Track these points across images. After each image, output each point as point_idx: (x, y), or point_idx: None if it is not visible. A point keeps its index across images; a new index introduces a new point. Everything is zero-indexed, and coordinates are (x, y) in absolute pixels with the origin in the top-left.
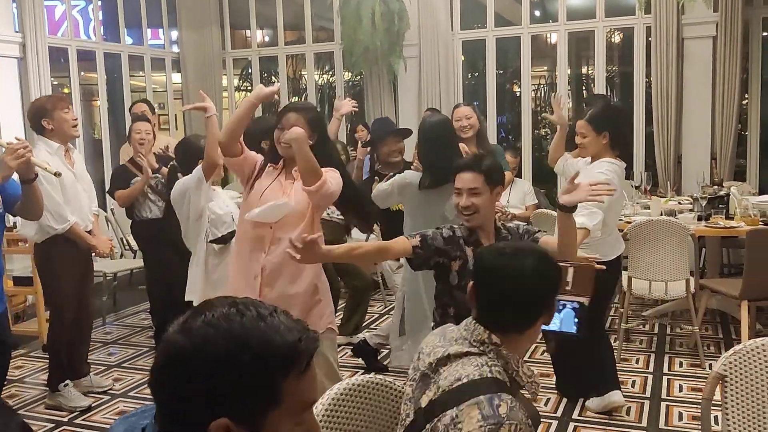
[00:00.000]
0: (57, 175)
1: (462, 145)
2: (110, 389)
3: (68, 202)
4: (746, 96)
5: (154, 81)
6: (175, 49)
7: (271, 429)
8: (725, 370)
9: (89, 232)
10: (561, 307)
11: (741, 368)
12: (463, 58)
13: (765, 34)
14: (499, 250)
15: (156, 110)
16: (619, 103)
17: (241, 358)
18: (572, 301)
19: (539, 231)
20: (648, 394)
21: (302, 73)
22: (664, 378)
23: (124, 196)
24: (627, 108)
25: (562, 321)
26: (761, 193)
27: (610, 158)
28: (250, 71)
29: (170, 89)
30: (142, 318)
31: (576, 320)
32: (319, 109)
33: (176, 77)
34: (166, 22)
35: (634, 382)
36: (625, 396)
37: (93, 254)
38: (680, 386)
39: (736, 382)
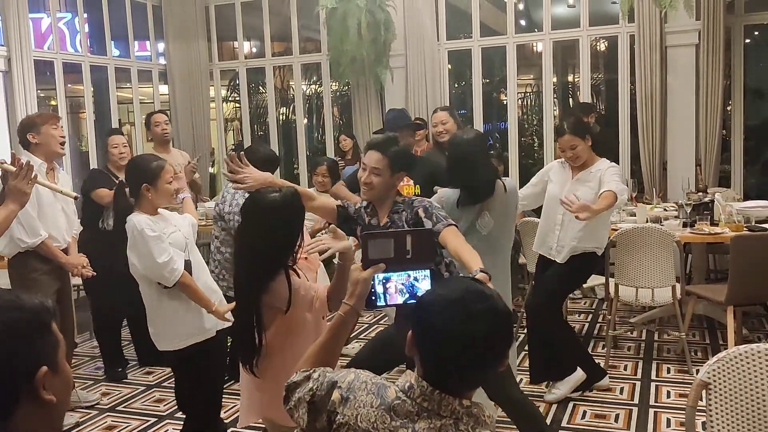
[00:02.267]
0: (76, 198)
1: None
2: (97, 404)
3: (44, 219)
4: (729, 103)
5: (141, 93)
6: (162, 60)
7: (62, 366)
8: (709, 377)
9: (65, 249)
10: (415, 279)
11: (725, 375)
12: (449, 68)
13: (747, 41)
14: (448, 312)
15: (143, 121)
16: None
17: (30, 322)
18: (420, 270)
19: (445, 220)
20: (636, 400)
21: (290, 83)
22: (652, 384)
23: (108, 195)
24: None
25: (418, 290)
26: (745, 199)
27: (598, 158)
28: (237, 82)
29: (157, 101)
30: (128, 332)
31: (431, 286)
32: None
33: (163, 89)
34: (153, 34)
35: (622, 388)
36: (613, 403)
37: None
38: (668, 392)
39: (721, 388)
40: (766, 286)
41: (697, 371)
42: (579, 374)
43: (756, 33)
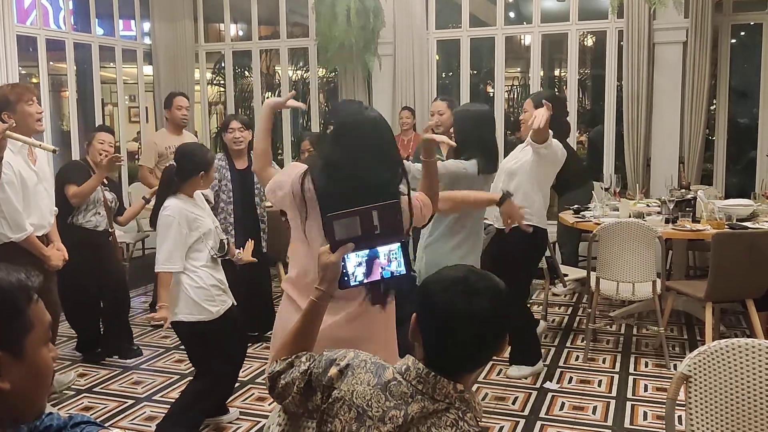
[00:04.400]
0: (54, 152)
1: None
2: (74, 384)
3: (28, 205)
4: (714, 101)
5: (125, 73)
6: (147, 41)
7: (31, 353)
8: (690, 371)
9: (46, 235)
10: (386, 253)
11: (705, 369)
12: (437, 58)
13: (733, 41)
14: (453, 290)
15: (127, 102)
16: (562, 95)
17: None
18: (390, 244)
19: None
20: (614, 393)
21: (276, 68)
22: (630, 378)
23: (80, 193)
24: (563, 98)
25: (391, 265)
26: (727, 197)
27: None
28: (223, 65)
29: (141, 81)
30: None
31: (404, 260)
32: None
33: (148, 69)
34: (139, 13)
35: (600, 381)
36: (591, 396)
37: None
38: (645, 386)
39: (700, 382)
40: (745, 283)
41: (674, 366)
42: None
43: (742, 33)
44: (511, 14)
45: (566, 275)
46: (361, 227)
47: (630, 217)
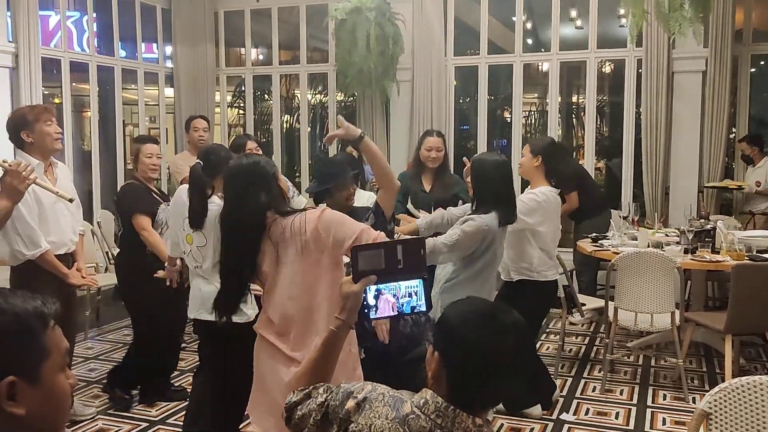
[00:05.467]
0: (71, 200)
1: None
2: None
3: (45, 224)
4: (734, 130)
5: (146, 95)
6: (169, 64)
7: (48, 379)
8: (710, 408)
9: (71, 254)
10: (408, 289)
11: (726, 406)
12: (455, 83)
13: (753, 70)
14: (482, 327)
15: (147, 123)
16: (562, 143)
17: (8, 327)
18: (412, 279)
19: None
20: (631, 426)
21: (295, 92)
22: (648, 411)
23: (148, 229)
24: (568, 147)
25: (411, 301)
26: (746, 228)
27: (543, 185)
28: (243, 89)
29: (162, 103)
30: (124, 333)
31: (424, 296)
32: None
33: (169, 91)
34: (161, 36)
35: (618, 413)
36: (608, 428)
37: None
38: (663, 419)
39: (721, 420)
40: (765, 315)
41: (693, 399)
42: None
43: (762, 63)
44: (529, 41)
45: (584, 304)
46: (385, 260)
47: (649, 246)
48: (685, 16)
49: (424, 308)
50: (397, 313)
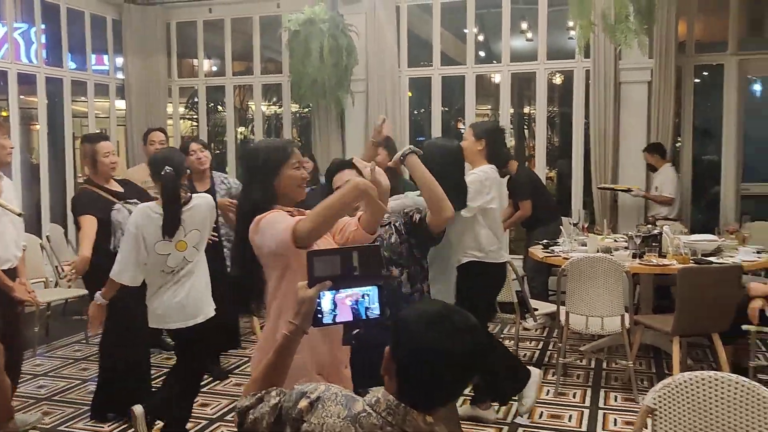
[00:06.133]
0: (20, 215)
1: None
2: (40, 423)
3: None
4: (679, 139)
5: (97, 107)
6: (120, 75)
7: None
8: (655, 403)
9: (14, 269)
10: (362, 295)
11: (670, 402)
12: (410, 94)
13: (697, 80)
14: (436, 328)
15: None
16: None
17: None
18: (367, 286)
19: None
20: (584, 428)
21: (248, 103)
22: (600, 412)
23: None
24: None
25: (366, 307)
26: (692, 232)
27: (483, 166)
28: (196, 100)
29: (113, 115)
30: (74, 349)
31: (378, 302)
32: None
33: (120, 104)
34: (112, 47)
35: (571, 416)
36: (562, 430)
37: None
38: (615, 420)
39: (666, 415)
40: (711, 317)
41: (643, 399)
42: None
43: (705, 73)
44: (481, 53)
45: (536, 309)
46: (341, 266)
47: (598, 252)
48: (630, 27)
49: (378, 314)
50: (353, 319)
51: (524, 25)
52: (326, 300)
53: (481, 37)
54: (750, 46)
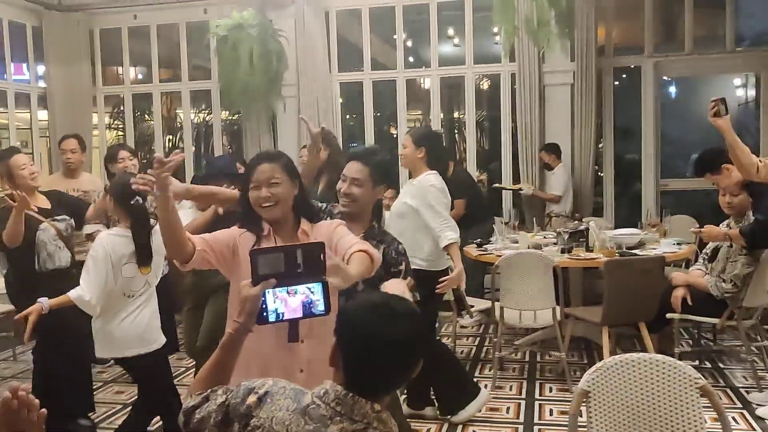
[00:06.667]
0: None
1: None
2: None
3: None
4: (601, 140)
5: (17, 118)
6: (42, 84)
7: None
8: (589, 387)
9: None
10: (302, 291)
11: (603, 384)
12: (341, 100)
13: (616, 83)
14: (375, 313)
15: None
16: (440, 131)
17: None
18: (312, 283)
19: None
20: (521, 419)
21: (176, 111)
22: (536, 403)
23: (6, 233)
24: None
25: (312, 304)
26: (617, 227)
27: (429, 174)
28: (122, 109)
29: (35, 126)
30: (2, 367)
31: (323, 299)
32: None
33: (42, 114)
34: (32, 56)
35: (508, 408)
36: (500, 422)
37: None
38: (551, 410)
39: (599, 397)
40: (637, 307)
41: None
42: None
43: (624, 75)
44: (411, 59)
45: (472, 306)
46: (285, 264)
47: (528, 248)
48: (552, 31)
49: (323, 310)
50: (299, 315)
51: (451, 31)
52: (270, 298)
53: (409, 43)
54: (664, 48)
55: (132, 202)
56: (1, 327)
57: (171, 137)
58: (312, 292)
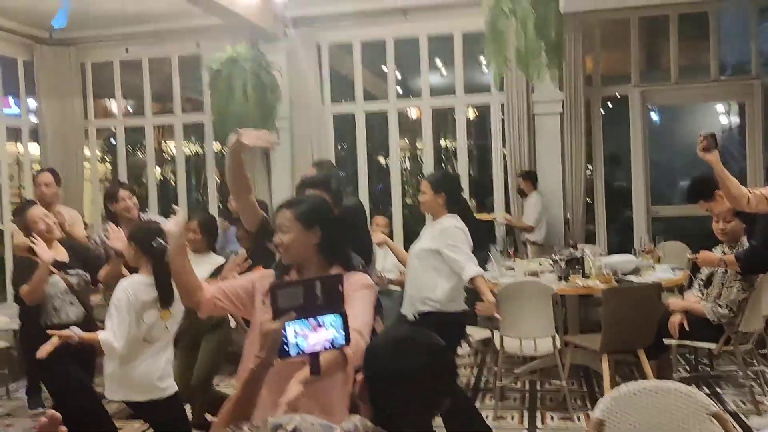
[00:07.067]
0: None
1: None
2: None
3: None
4: (590, 167)
5: (10, 152)
6: (33, 118)
7: None
8: (604, 415)
9: None
10: (322, 324)
11: (618, 412)
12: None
13: (603, 112)
14: (397, 349)
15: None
16: (456, 174)
17: None
18: (331, 315)
19: None
20: None
21: (166, 143)
22: None
23: (28, 291)
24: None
25: (336, 336)
26: (609, 254)
27: (450, 218)
28: (113, 142)
29: (27, 160)
30: None
31: (343, 332)
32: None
33: (33, 148)
34: (23, 90)
35: None
36: None
37: None
38: None
39: (615, 425)
40: (636, 333)
41: (579, 417)
42: None
43: (610, 105)
44: (399, 89)
45: (470, 335)
46: (304, 297)
47: (526, 276)
48: (542, 63)
49: (343, 342)
50: (320, 348)
51: (438, 62)
52: (291, 331)
53: (398, 74)
54: (650, 77)
55: (154, 244)
56: None
57: (161, 169)
58: (332, 324)
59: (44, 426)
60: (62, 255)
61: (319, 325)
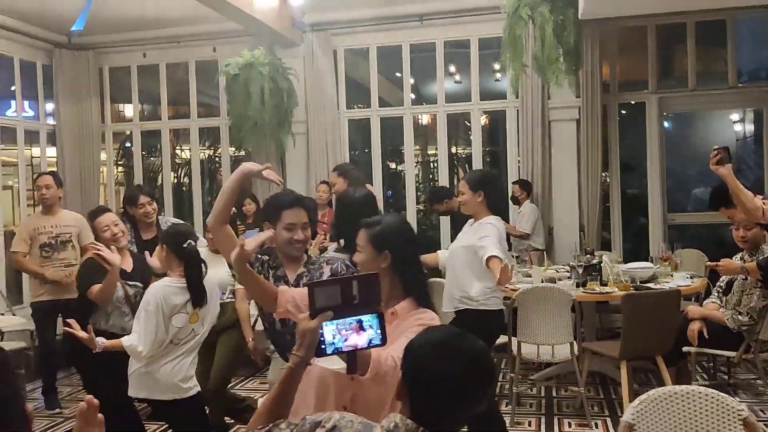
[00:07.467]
0: None
1: None
2: None
3: None
4: (605, 174)
5: (28, 155)
6: (51, 121)
7: None
8: (634, 419)
9: None
10: (359, 323)
11: (648, 416)
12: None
13: (619, 118)
14: (437, 350)
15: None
16: (495, 171)
17: None
18: (368, 314)
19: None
20: None
21: (181, 147)
22: None
23: (100, 290)
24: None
25: (372, 335)
26: (625, 261)
27: (489, 217)
28: (128, 145)
29: (44, 163)
30: None
31: (380, 332)
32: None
33: (51, 151)
34: (42, 93)
35: None
36: None
37: None
38: None
39: (644, 430)
40: (655, 340)
41: (596, 424)
42: None
43: (624, 111)
44: (412, 95)
45: None
46: (342, 296)
47: (543, 282)
48: (560, 68)
49: (379, 342)
50: (354, 347)
51: (453, 68)
52: (328, 330)
53: (412, 81)
54: (667, 84)
55: (185, 245)
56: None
57: (176, 173)
58: (369, 323)
59: (83, 411)
60: (127, 264)
61: (357, 324)
